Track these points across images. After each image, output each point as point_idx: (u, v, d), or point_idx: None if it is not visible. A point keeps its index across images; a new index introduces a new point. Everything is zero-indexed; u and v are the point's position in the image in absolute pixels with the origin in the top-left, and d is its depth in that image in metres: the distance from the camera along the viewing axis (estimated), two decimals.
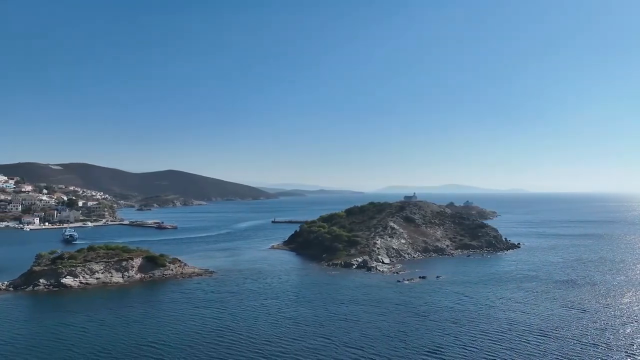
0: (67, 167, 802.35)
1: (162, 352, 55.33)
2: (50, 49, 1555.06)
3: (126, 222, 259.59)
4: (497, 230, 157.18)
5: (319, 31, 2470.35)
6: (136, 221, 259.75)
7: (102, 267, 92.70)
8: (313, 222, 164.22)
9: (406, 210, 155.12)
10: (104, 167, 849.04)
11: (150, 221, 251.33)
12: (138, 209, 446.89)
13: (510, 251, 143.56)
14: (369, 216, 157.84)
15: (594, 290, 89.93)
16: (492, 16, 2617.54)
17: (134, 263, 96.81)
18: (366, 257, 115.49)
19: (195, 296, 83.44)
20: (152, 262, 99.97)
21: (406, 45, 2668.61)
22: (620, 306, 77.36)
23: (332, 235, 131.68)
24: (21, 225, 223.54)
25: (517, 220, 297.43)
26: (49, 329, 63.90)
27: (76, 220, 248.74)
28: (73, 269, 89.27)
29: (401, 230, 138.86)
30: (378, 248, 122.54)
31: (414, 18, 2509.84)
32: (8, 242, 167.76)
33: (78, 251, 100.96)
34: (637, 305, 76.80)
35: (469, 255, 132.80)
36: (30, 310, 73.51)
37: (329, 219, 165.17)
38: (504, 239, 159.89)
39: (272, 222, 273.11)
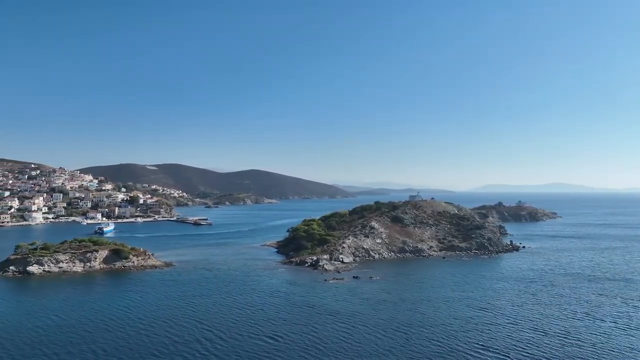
0: (161, 167, 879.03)
1: (53, 324, 65.14)
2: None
3: (174, 218, 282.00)
4: (496, 232, 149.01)
5: (422, 28, 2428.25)
6: (181, 217, 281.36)
7: (67, 257, 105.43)
8: (312, 220, 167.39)
9: (398, 210, 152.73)
10: (193, 167, 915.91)
11: (191, 218, 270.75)
12: (207, 207, 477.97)
13: (502, 254, 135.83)
14: (362, 215, 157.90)
15: (525, 293, 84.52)
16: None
17: (97, 255, 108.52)
18: (325, 256, 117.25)
19: (131, 284, 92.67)
20: (116, 254, 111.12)
21: (502, 36, 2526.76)
22: (530, 311, 73.41)
23: (307, 234, 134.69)
24: (82, 220, 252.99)
25: (574, 222, 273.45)
26: None
27: (131, 216, 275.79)
28: (41, 258, 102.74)
29: (382, 230, 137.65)
30: (343, 247, 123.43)
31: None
32: (52, 232, 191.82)
33: (62, 243, 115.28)
34: (552, 314, 71.91)
35: (444, 257, 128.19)
36: None
37: (329, 217, 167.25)
38: (507, 242, 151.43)
39: None
